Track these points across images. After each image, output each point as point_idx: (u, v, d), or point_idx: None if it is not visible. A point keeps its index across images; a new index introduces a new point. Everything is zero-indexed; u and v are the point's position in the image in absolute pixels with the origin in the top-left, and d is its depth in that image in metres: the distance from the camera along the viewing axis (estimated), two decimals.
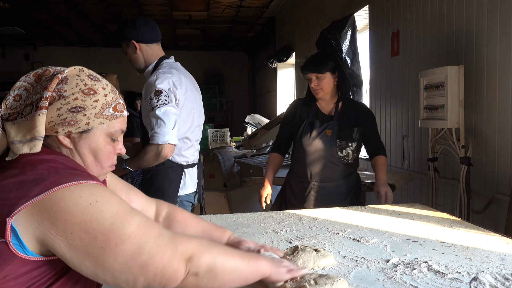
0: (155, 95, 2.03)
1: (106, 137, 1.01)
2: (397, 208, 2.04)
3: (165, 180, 2.18)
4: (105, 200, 0.87)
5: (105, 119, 0.98)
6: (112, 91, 1.02)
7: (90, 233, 0.83)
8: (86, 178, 0.89)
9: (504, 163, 2.57)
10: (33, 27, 9.37)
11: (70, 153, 0.98)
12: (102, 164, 1.02)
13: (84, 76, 0.98)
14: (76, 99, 0.94)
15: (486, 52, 2.69)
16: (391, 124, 4.05)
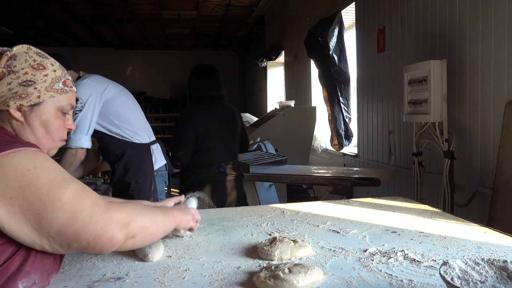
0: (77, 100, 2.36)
1: (57, 111, 1.05)
2: (380, 201, 2.05)
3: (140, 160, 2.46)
4: (44, 166, 0.89)
5: (56, 92, 1.03)
6: (61, 67, 1.06)
7: (27, 198, 0.85)
8: (25, 145, 0.91)
9: (487, 157, 2.60)
10: (21, 27, 9.29)
11: (20, 126, 1.01)
12: (53, 136, 1.06)
13: (33, 53, 1.03)
14: (26, 73, 0.99)
15: (468, 46, 2.71)
16: (377, 120, 4.07)
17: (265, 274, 1.07)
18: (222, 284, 1.07)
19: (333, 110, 4.94)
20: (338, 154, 5.19)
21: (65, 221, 0.87)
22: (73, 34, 10.42)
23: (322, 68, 5.00)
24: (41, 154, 0.93)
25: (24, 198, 0.85)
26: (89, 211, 0.88)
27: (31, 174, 0.87)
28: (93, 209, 0.89)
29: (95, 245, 0.89)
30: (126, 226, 0.93)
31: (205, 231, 1.57)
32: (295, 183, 3.59)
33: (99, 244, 0.89)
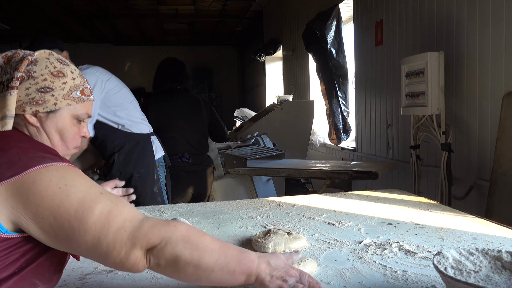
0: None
1: (72, 119, 1.04)
2: (376, 193, 2.04)
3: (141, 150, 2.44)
4: (74, 184, 0.88)
5: (73, 101, 1.02)
6: (80, 75, 1.06)
7: (58, 219, 0.85)
8: (56, 160, 0.90)
9: (485, 149, 2.59)
10: (18, 23, 9.24)
11: (36, 132, 1.00)
12: (68, 144, 1.05)
13: (54, 59, 1.02)
14: (45, 80, 0.98)
15: (466, 38, 2.69)
16: (376, 113, 4.05)
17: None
18: None
19: (331, 104, 4.92)
20: (336, 148, 5.17)
21: (91, 244, 0.86)
22: (69, 30, 10.37)
23: (320, 62, 4.97)
24: (73, 170, 0.91)
25: (55, 219, 0.85)
26: (113, 236, 0.86)
27: (61, 193, 0.86)
28: (117, 235, 0.86)
29: (122, 268, 0.88)
30: (149, 251, 0.87)
31: (200, 224, 1.56)
32: (293, 177, 3.57)
33: (125, 268, 0.88)
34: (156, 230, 0.88)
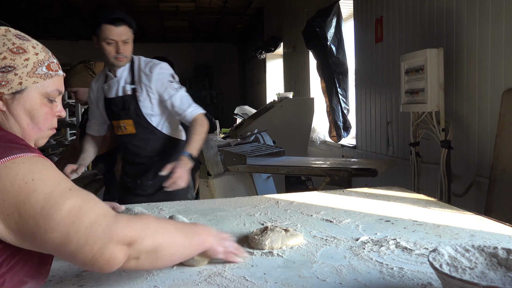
0: (174, 78, 2.24)
1: (42, 98, 0.96)
2: (375, 190, 2.04)
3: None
4: (42, 178, 0.82)
5: (39, 78, 0.94)
6: (44, 50, 0.98)
7: (22, 216, 0.80)
8: (23, 151, 0.84)
9: (484, 146, 2.58)
10: (18, 20, 9.24)
11: (3, 117, 0.93)
12: (40, 126, 0.97)
13: (11, 36, 0.94)
14: (5, 58, 0.90)
15: (465, 35, 2.68)
16: (376, 111, 4.04)
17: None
18: (210, 274, 1.06)
19: (331, 101, 4.91)
20: (336, 145, 5.17)
21: (59, 242, 0.81)
22: (70, 28, 10.37)
23: (320, 59, 4.97)
24: (41, 162, 0.85)
25: (20, 216, 0.80)
26: (85, 232, 0.81)
27: (27, 188, 0.80)
28: (90, 230, 0.81)
29: (93, 265, 0.83)
30: (128, 246, 0.85)
31: (198, 221, 1.56)
32: (292, 174, 3.57)
33: (97, 265, 0.83)
34: (133, 224, 0.87)
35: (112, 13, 2.12)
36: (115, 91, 2.23)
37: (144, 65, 2.23)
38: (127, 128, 2.23)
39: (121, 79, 2.22)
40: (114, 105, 2.23)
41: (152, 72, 2.18)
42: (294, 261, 1.14)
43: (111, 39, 2.09)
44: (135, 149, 2.27)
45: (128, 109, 2.20)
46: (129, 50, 2.19)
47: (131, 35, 2.16)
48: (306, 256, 1.17)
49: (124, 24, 2.11)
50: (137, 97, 2.19)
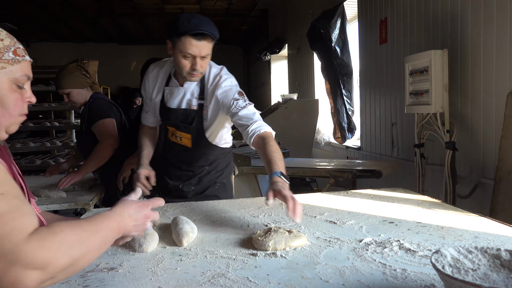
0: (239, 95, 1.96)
1: (11, 83, 0.95)
2: (379, 192, 2.03)
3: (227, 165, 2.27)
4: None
5: (6, 63, 0.93)
6: (9, 36, 0.97)
7: None
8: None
9: (489, 147, 2.57)
10: (26, 23, 9.32)
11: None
12: (10, 112, 0.95)
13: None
14: None
15: (470, 36, 2.68)
16: (380, 112, 4.04)
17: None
18: (214, 275, 1.07)
19: (336, 103, 4.91)
20: (341, 147, 5.16)
21: None
22: (76, 30, 10.43)
23: (325, 61, 4.97)
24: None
25: None
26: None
27: None
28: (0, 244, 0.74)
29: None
30: (41, 270, 0.76)
31: (202, 222, 1.57)
32: (296, 175, 3.57)
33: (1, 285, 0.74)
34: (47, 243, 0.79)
35: (196, 23, 1.80)
36: (178, 102, 2.01)
37: (212, 79, 1.98)
38: (182, 140, 2.05)
39: (187, 91, 1.99)
40: (173, 115, 2.02)
41: (218, 88, 1.94)
42: (298, 262, 1.14)
43: (189, 53, 1.82)
44: (187, 159, 2.10)
45: (190, 124, 2.00)
46: (206, 65, 1.92)
47: (211, 48, 1.89)
48: (309, 257, 1.18)
49: (208, 38, 1.82)
50: (203, 115, 1.98)
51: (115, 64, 12.21)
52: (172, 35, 1.83)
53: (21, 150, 4.98)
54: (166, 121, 2.07)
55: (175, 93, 2.01)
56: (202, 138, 2.03)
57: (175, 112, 2.02)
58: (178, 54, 1.83)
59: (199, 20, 1.80)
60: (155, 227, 1.49)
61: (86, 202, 2.37)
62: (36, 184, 2.70)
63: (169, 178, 2.18)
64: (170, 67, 2.04)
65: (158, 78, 2.06)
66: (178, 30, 1.78)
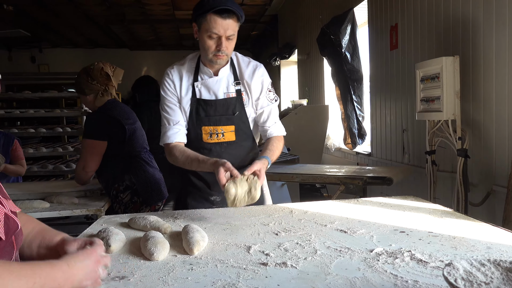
0: (272, 87, 2.02)
1: None
2: (390, 200, 2.02)
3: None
4: None
5: None
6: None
7: None
8: None
9: (502, 155, 2.54)
10: (38, 29, 9.45)
11: None
12: None
13: None
14: None
15: (482, 42, 2.66)
16: (391, 118, 4.02)
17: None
18: (224, 284, 1.07)
19: (346, 109, 4.90)
20: (351, 153, 5.14)
21: None
22: (87, 36, 10.56)
23: (335, 66, 4.96)
24: None
25: None
26: None
27: None
28: None
29: None
30: None
31: (212, 230, 1.57)
32: (307, 182, 3.56)
33: None
34: None
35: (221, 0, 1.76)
36: (215, 92, 1.94)
37: (245, 63, 1.97)
38: (225, 136, 1.96)
39: (222, 79, 1.94)
40: (212, 109, 1.93)
41: (255, 73, 1.95)
42: (308, 273, 1.14)
43: (214, 33, 1.78)
44: (230, 157, 1.88)
45: (232, 114, 1.93)
46: (232, 48, 1.87)
47: (237, 30, 1.84)
48: (320, 267, 1.17)
49: (233, 16, 1.79)
50: (243, 100, 1.94)
51: (126, 69, 12.22)
52: (197, 16, 1.80)
53: (33, 155, 5.04)
54: (204, 118, 1.94)
55: (210, 84, 1.94)
56: (246, 128, 1.99)
57: (215, 104, 1.92)
58: (204, 34, 1.80)
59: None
60: (166, 235, 1.49)
61: (97, 208, 2.39)
62: (49, 189, 2.73)
63: (210, 189, 2.05)
64: (194, 62, 1.99)
65: (183, 76, 1.96)
66: (203, 8, 1.76)
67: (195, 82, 1.94)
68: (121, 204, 2.65)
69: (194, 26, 1.86)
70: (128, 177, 2.65)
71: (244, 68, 1.96)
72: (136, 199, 2.66)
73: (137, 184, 2.65)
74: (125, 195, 2.64)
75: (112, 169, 2.65)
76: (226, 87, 1.94)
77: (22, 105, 6.87)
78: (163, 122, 1.99)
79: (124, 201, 2.65)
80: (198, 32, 1.85)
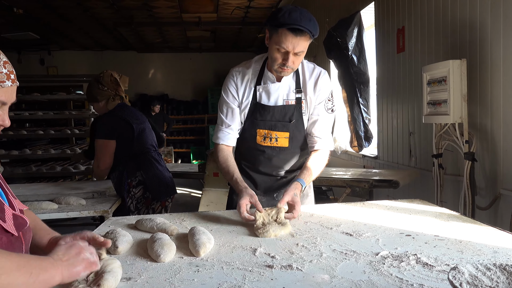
0: (331, 96, 1.98)
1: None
2: (396, 203, 2.02)
3: None
4: None
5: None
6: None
7: None
8: None
9: (509, 158, 2.53)
10: (47, 32, 9.54)
11: None
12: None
13: None
14: None
15: (490, 45, 2.65)
16: (397, 121, 4.01)
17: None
18: (230, 286, 1.07)
19: (353, 111, 4.89)
20: (358, 155, 5.13)
21: None
22: (96, 38, 10.64)
23: (341, 69, 4.95)
24: None
25: None
26: None
27: None
28: None
29: None
30: None
31: (218, 232, 1.58)
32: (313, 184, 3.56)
33: None
34: None
35: (296, 17, 1.73)
36: (275, 98, 1.94)
37: (309, 72, 1.96)
38: (278, 141, 1.96)
39: (284, 85, 1.94)
40: (270, 114, 1.94)
41: (318, 83, 1.94)
42: (313, 275, 1.14)
43: (283, 47, 1.77)
44: (280, 163, 2.01)
45: (288, 121, 1.93)
46: (298, 62, 1.86)
47: (307, 45, 1.81)
48: (325, 270, 1.18)
49: (306, 34, 1.75)
50: (302, 108, 1.94)
51: (134, 71, 12.36)
52: (271, 26, 1.79)
53: (42, 157, 5.09)
54: (260, 122, 1.96)
55: (271, 90, 1.94)
56: (301, 135, 1.98)
57: (273, 110, 1.93)
58: (273, 45, 1.80)
59: (300, 15, 1.73)
60: (172, 237, 1.51)
61: (105, 210, 2.40)
62: (56, 191, 2.75)
63: (256, 188, 2.05)
64: (259, 64, 1.99)
65: (246, 79, 1.97)
66: (277, 21, 1.75)
67: (257, 85, 1.96)
68: (133, 199, 2.80)
69: (267, 33, 1.85)
70: (140, 173, 2.81)
71: (308, 76, 1.94)
72: (148, 194, 2.83)
73: (146, 180, 2.80)
74: (137, 190, 2.81)
75: (125, 166, 2.81)
76: (287, 94, 1.94)
77: (31, 107, 6.94)
78: (218, 120, 2.04)
79: (136, 196, 2.81)
80: (268, 40, 1.84)
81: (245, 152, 2.07)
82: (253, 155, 2.02)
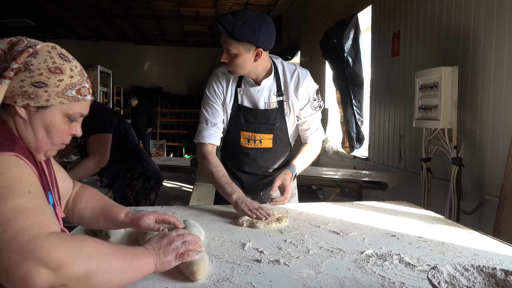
0: (317, 95, 2.01)
1: (64, 117, 1.01)
2: (383, 204, 2.07)
3: None
4: (5, 172, 0.84)
5: (66, 99, 0.99)
6: (80, 74, 1.03)
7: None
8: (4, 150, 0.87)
9: (496, 165, 2.59)
10: (44, 19, 9.48)
11: (22, 124, 0.98)
12: (53, 141, 1.02)
13: (55, 54, 1.00)
14: (41, 74, 0.96)
15: (482, 54, 2.70)
16: (389, 124, 4.06)
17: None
18: (219, 278, 1.11)
19: (346, 113, 4.94)
20: (349, 156, 5.19)
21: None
22: (93, 28, 10.59)
23: (336, 70, 5.01)
24: (15, 160, 0.87)
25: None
26: (12, 234, 0.75)
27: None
28: (17, 235, 0.75)
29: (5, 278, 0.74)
30: (54, 271, 0.75)
31: (208, 226, 1.61)
32: (303, 183, 3.61)
33: (10, 280, 0.73)
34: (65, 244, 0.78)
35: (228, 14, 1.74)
36: (257, 101, 1.94)
37: (290, 74, 1.94)
38: (262, 142, 1.98)
39: (264, 88, 1.92)
40: (253, 117, 1.94)
41: (301, 85, 1.93)
42: (300, 271, 1.18)
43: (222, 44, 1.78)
44: (265, 162, 2.03)
45: (272, 124, 1.94)
46: (236, 65, 1.80)
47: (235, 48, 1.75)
48: (311, 266, 1.22)
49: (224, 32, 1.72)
50: (284, 111, 1.94)
51: (129, 63, 12.34)
52: None
53: None
54: (244, 124, 1.96)
55: (252, 93, 1.92)
56: (285, 136, 2.00)
57: (255, 113, 1.93)
58: None
59: (232, 13, 1.74)
60: None
61: None
62: None
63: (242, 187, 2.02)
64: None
65: (229, 80, 1.95)
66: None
67: (238, 87, 1.95)
68: (133, 191, 2.85)
69: None
70: (140, 165, 2.86)
71: (289, 79, 1.93)
72: (147, 185, 2.89)
73: (150, 169, 2.88)
74: (138, 182, 2.86)
75: (124, 160, 2.84)
76: (268, 97, 1.93)
77: None
78: (201, 120, 1.99)
79: (137, 188, 2.86)
80: None
81: (229, 153, 2.07)
82: (238, 156, 2.03)
